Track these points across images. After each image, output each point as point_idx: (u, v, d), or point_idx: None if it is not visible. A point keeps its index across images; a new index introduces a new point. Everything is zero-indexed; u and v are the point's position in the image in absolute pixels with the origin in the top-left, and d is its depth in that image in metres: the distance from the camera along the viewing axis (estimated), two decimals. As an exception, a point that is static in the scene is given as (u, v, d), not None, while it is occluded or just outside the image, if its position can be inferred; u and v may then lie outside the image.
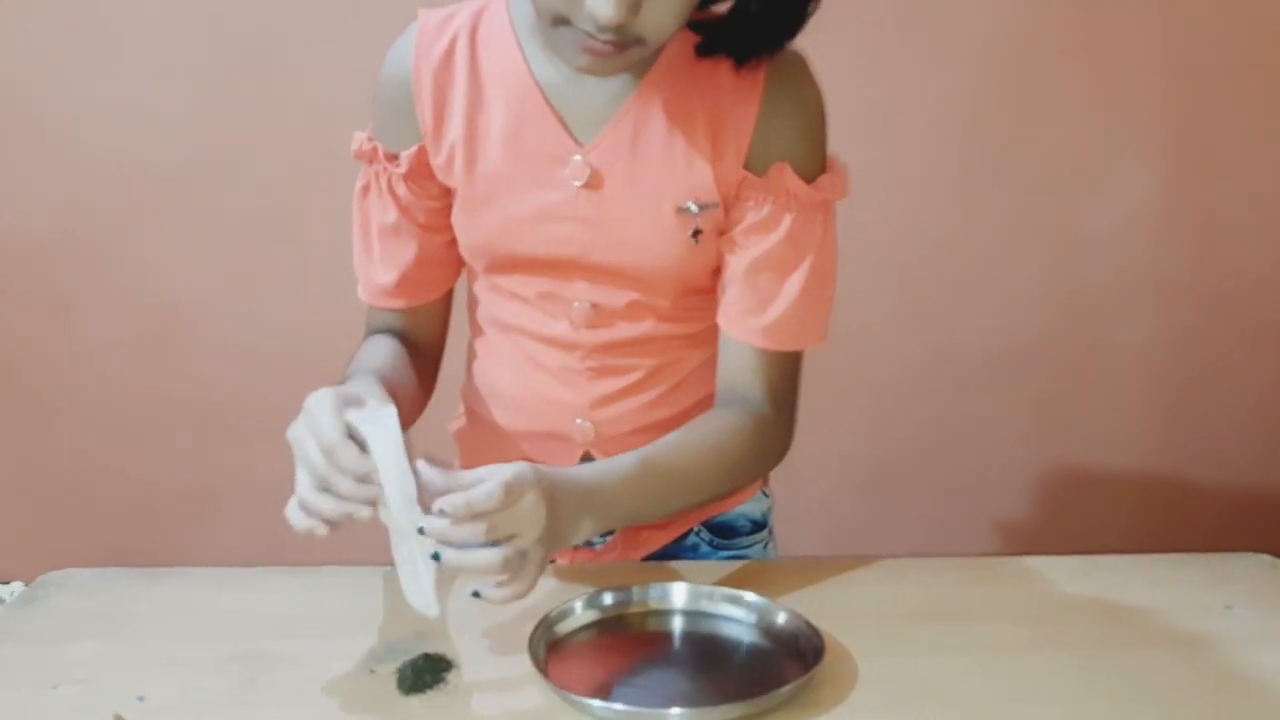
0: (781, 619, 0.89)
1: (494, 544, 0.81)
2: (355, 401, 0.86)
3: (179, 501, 1.97)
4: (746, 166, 0.99)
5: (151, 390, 1.94)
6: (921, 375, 1.96)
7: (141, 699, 0.80)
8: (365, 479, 0.82)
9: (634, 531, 1.11)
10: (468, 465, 1.17)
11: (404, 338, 1.10)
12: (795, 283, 1.01)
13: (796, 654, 0.85)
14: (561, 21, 0.87)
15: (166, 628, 0.92)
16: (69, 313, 1.91)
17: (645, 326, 1.04)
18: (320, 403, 0.84)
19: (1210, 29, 1.86)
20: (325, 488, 0.83)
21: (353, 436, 0.83)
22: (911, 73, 1.86)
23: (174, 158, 1.85)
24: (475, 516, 0.80)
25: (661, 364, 1.07)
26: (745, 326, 1.02)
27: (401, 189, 1.04)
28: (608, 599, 0.93)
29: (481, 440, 1.16)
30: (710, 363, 1.08)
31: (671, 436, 1.00)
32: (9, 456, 1.96)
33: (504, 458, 1.12)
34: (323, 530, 0.83)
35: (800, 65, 1.00)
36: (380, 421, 0.84)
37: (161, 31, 1.81)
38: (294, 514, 0.85)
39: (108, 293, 1.90)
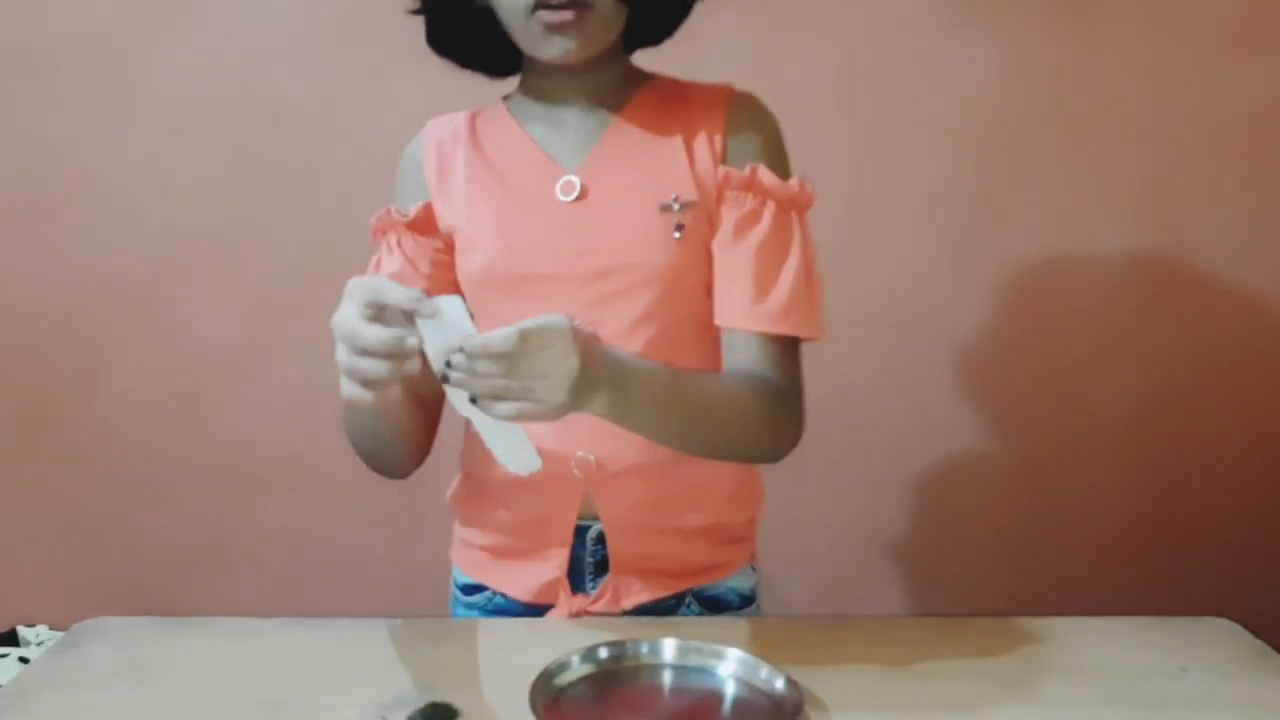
0: (764, 674, 0.96)
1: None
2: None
3: (199, 554, 2.04)
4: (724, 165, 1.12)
5: (175, 448, 2.01)
6: (908, 437, 2.01)
7: (172, 741, 0.87)
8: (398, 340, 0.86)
9: (625, 581, 1.16)
10: (467, 525, 1.24)
11: (413, 385, 1.17)
12: (789, 269, 1.11)
13: (777, 707, 0.92)
14: (529, 13, 1.04)
15: (193, 676, 0.99)
16: (99, 374, 1.98)
17: (639, 348, 1.11)
18: (363, 280, 0.90)
19: (1190, 106, 1.94)
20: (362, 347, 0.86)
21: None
22: (898, 149, 1.93)
23: (201, 226, 1.94)
24: (493, 357, 0.84)
25: None
26: (749, 314, 1.10)
27: (408, 240, 1.17)
28: (603, 653, 0.99)
29: (479, 498, 1.22)
30: None
31: (701, 372, 1.09)
32: (40, 507, 2.03)
33: (501, 515, 1.19)
34: (369, 397, 0.87)
35: (757, 100, 1.18)
36: (451, 299, 0.88)
37: (192, 105, 1.90)
38: (345, 386, 0.89)
39: (136, 355, 1.98)
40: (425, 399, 1.17)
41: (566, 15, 1.03)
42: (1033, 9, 1.90)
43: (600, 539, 1.15)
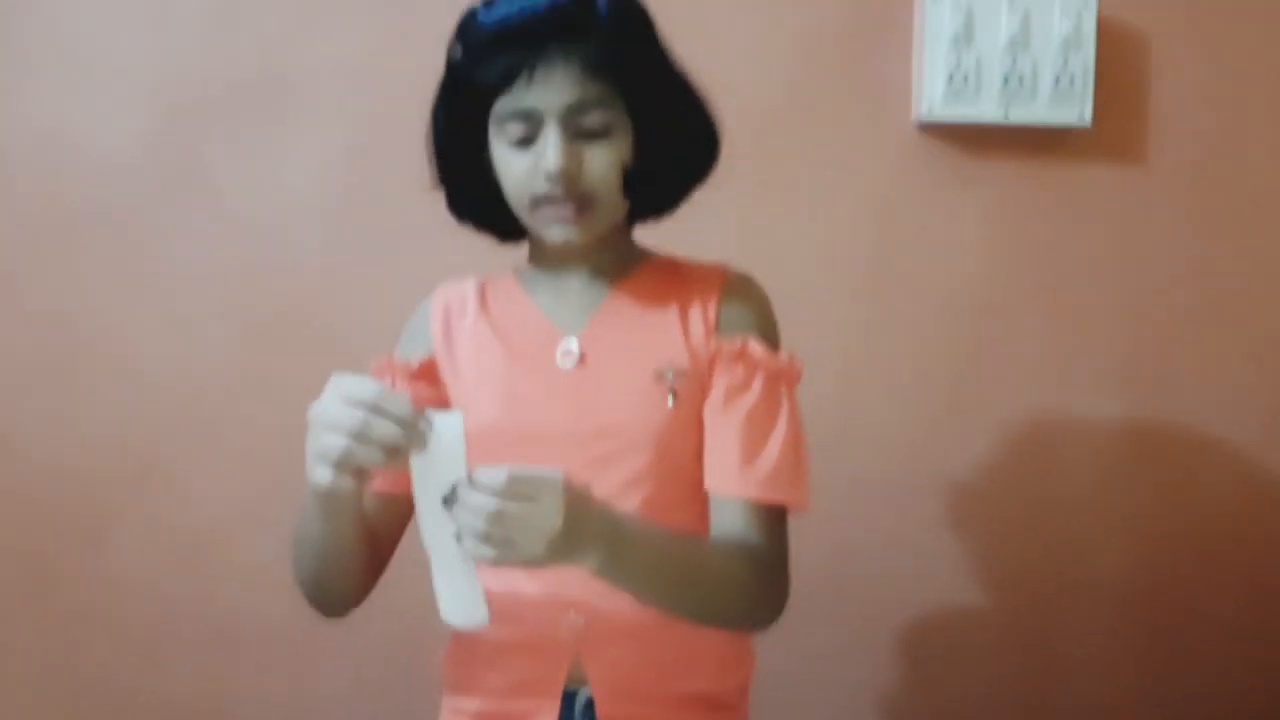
0: None
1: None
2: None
3: (196, 714, 2.02)
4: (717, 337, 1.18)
5: (178, 610, 2.01)
6: (907, 602, 2.01)
7: None
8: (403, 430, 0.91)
9: None
10: (453, 690, 1.25)
11: (366, 520, 1.21)
12: (776, 437, 1.17)
13: None
14: (534, 205, 1.13)
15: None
16: (104, 535, 2.01)
17: (632, 509, 1.14)
18: (355, 377, 0.95)
19: (1171, 277, 2.02)
20: (366, 434, 0.91)
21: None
22: (885, 318, 2.01)
23: (208, 393, 1.99)
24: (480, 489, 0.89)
25: None
26: (737, 480, 1.15)
27: (405, 385, 1.25)
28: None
29: (468, 660, 1.24)
30: None
31: (691, 537, 1.13)
32: (39, 666, 2.03)
33: (489, 679, 1.21)
34: (350, 484, 0.92)
35: (750, 280, 1.26)
36: (451, 418, 0.90)
37: (203, 276, 1.98)
38: (321, 473, 0.94)
39: (141, 517, 2.00)
40: (377, 534, 1.19)
41: (569, 213, 1.11)
42: (1016, 183, 2.01)
43: (589, 706, 1.15)
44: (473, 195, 1.24)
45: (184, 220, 1.99)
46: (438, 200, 1.96)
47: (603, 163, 1.13)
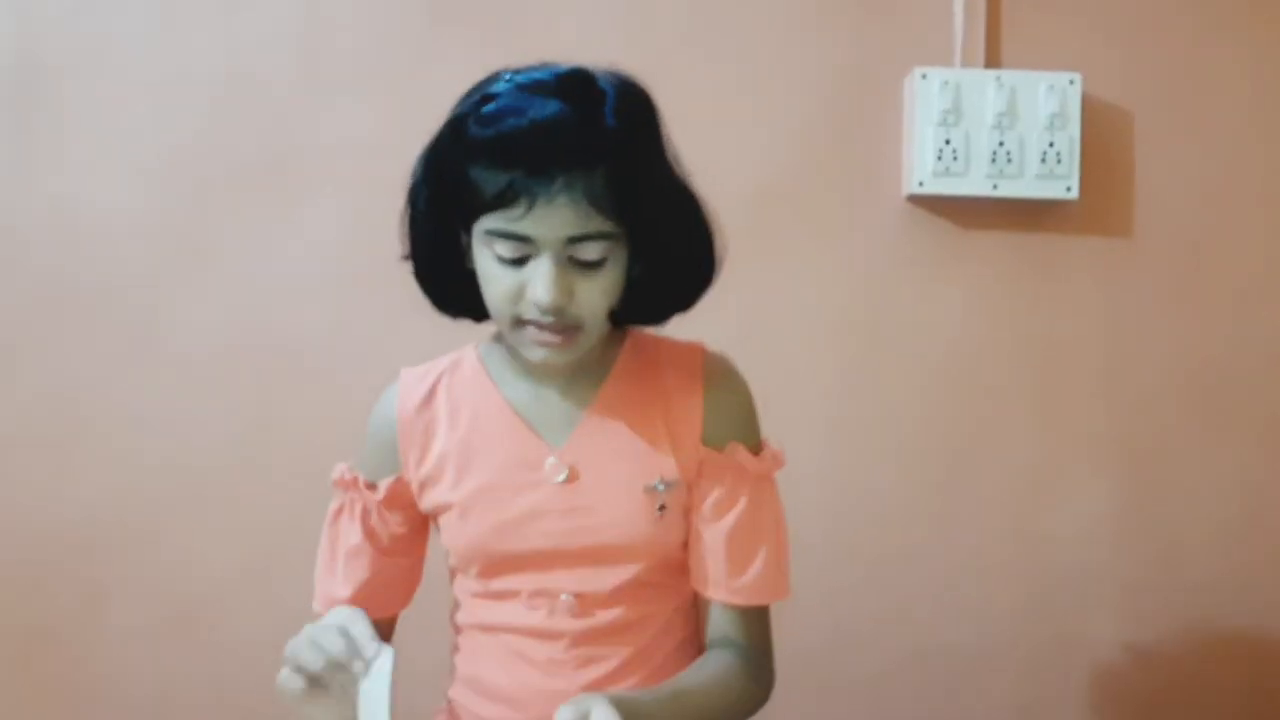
0: None
1: None
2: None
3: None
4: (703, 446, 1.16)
5: (176, 678, 2.02)
6: (902, 672, 2.03)
7: None
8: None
9: None
10: None
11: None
12: (763, 548, 1.18)
13: None
14: (517, 324, 1.08)
15: None
16: (102, 602, 2.01)
17: (619, 614, 1.16)
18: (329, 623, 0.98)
19: (1154, 357, 2.06)
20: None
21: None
22: (878, 403, 2.03)
23: (208, 461, 2.01)
24: None
25: (639, 649, 1.18)
26: (725, 589, 1.17)
27: (374, 514, 1.21)
28: None
29: (472, 701, 1.24)
30: (681, 644, 1.21)
31: (690, 673, 1.14)
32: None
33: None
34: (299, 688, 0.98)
35: (729, 364, 1.22)
36: (381, 661, 0.95)
37: (208, 346, 2.01)
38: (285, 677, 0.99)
39: (139, 584, 2.01)
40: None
41: (554, 339, 1.08)
42: (1004, 254, 2.05)
43: None
44: (443, 275, 1.17)
45: (188, 294, 2.01)
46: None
47: (594, 294, 1.07)
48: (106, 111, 2.01)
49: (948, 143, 1.97)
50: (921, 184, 1.98)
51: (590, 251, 1.06)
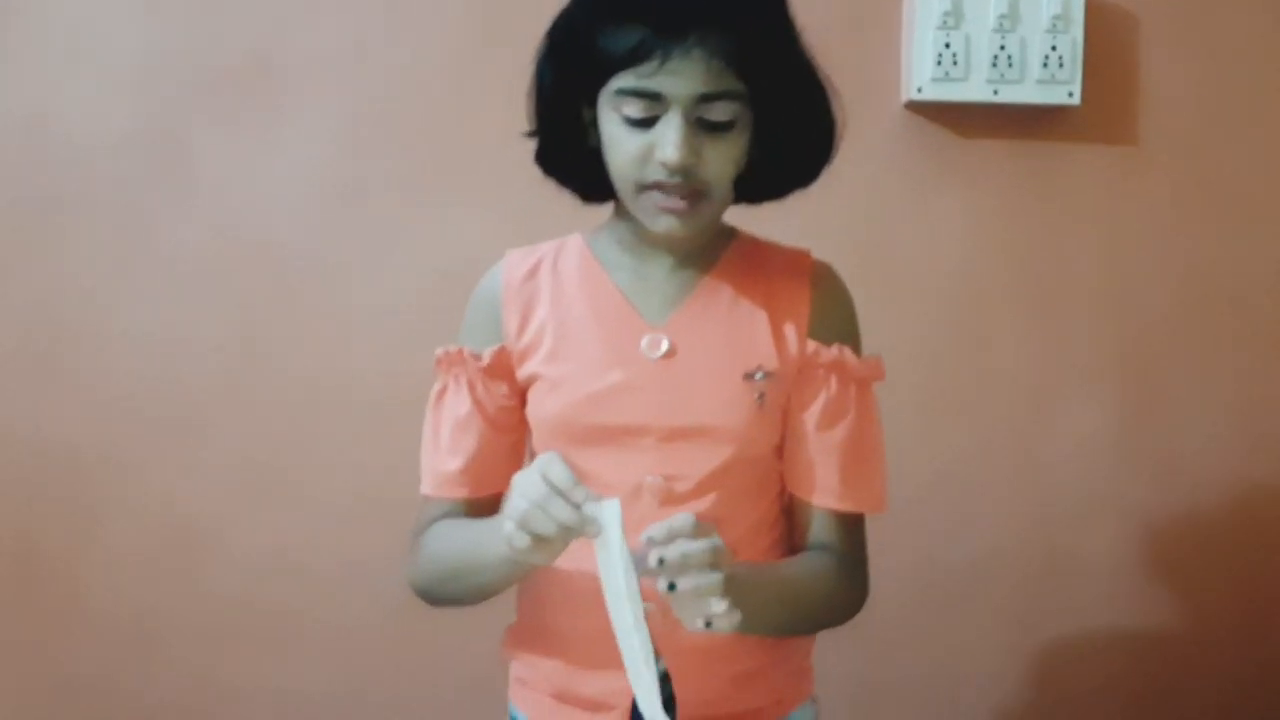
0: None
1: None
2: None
3: (183, 713, 2.02)
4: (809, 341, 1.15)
5: (168, 601, 2.01)
6: (899, 588, 2.01)
7: None
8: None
9: None
10: (522, 673, 1.25)
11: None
12: (871, 452, 1.18)
13: None
14: (642, 189, 1.07)
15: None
16: (92, 526, 2.00)
17: (708, 505, 1.14)
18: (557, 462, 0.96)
19: (1157, 269, 2.03)
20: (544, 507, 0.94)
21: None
22: (877, 318, 1.98)
23: (200, 379, 1.99)
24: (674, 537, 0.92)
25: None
26: (831, 495, 1.16)
27: (479, 385, 1.18)
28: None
29: (536, 643, 1.23)
30: (761, 552, 1.18)
31: (788, 561, 1.15)
32: (20, 658, 2.02)
33: (559, 659, 1.19)
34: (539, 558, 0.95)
35: (835, 274, 1.23)
36: (611, 509, 0.93)
37: (196, 261, 1.97)
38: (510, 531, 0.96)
39: (130, 507, 2.00)
40: None
41: (680, 204, 1.07)
42: (1004, 173, 2.00)
43: (665, 678, 1.15)
44: (566, 152, 1.15)
45: (171, 207, 1.97)
46: (426, 188, 1.99)
47: (723, 158, 1.07)
48: (84, 21, 1.95)
49: (947, 46, 1.91)
50: (920, 90, 1.93)
51: (720, 112, 1.05)
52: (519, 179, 1.22)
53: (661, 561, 0.91)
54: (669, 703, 1.15)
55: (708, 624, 0.94)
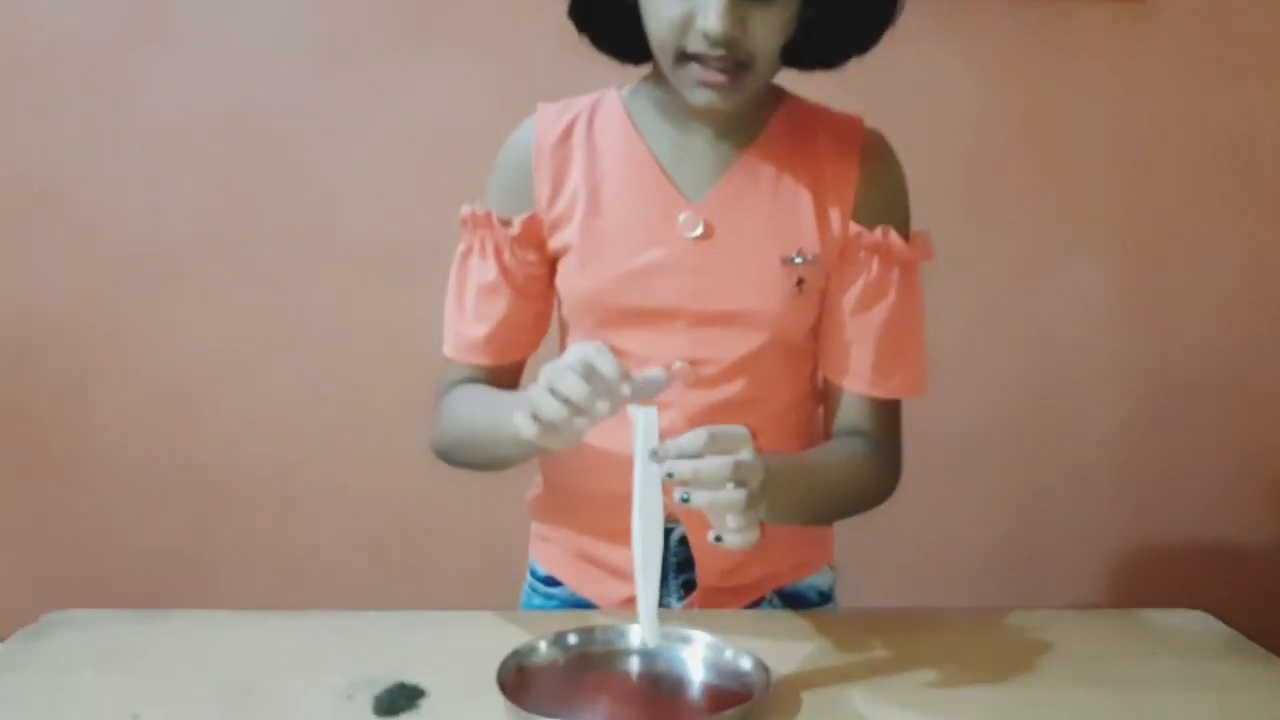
0: (729, 655, 0.96)
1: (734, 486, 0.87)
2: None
3: (180, 567, 2.03)
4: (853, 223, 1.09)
5: (158, 461, 2.00)
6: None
7: (136, 718, 0.86)
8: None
9: (711, 593, 1.14)
10: (544, 534, 1.24)
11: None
12: (910, 337, 1.13)
13: (744, 686, 0.91)
14: (681, 59, 0.99)
15: (161, 661, 0.99)
16: (85, 385, 1.98)
17: (738, 390, 1.10)
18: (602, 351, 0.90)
19: (1166, 130, 1.97)
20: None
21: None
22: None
23: (186, 240, 1.95)
24: (682, 455, 0.87)
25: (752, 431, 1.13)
26: (868, 382, 1.11)
27: (508, 251, 1.12)
28: (571, 639, 0.99)
29: (559, 506, 1.21)
30: (789, 434, 1.15)
31: (820, 450, 1.10)
32: (19, 516, 2.02)
33: (581, 522, 1.16)
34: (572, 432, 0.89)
35: (887, 145, 1.14)
36: (647, 413, 0.90)
37: (179, 120, 1.92)
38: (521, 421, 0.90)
39: (122, 366, 1.98)
40: None
41: (720, 79, 0.99)
42: (1009, 31, 1.93)
43: (683, 541, 1.14)
44: (602, 11, 1.08)
45: (151, 71, 1.91)
46: (409, 44, 1.92)
47: (768, 29, 0.98)
48: None
49: (955, -107, 1.83)
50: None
51: None
52: (504, 23, 1.16)
53: (671, 476, 0.89)
54: (687, 563, 1.14)
55: (718, 539, 0.92)
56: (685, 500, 0.87)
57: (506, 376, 1.15)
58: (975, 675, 0.96)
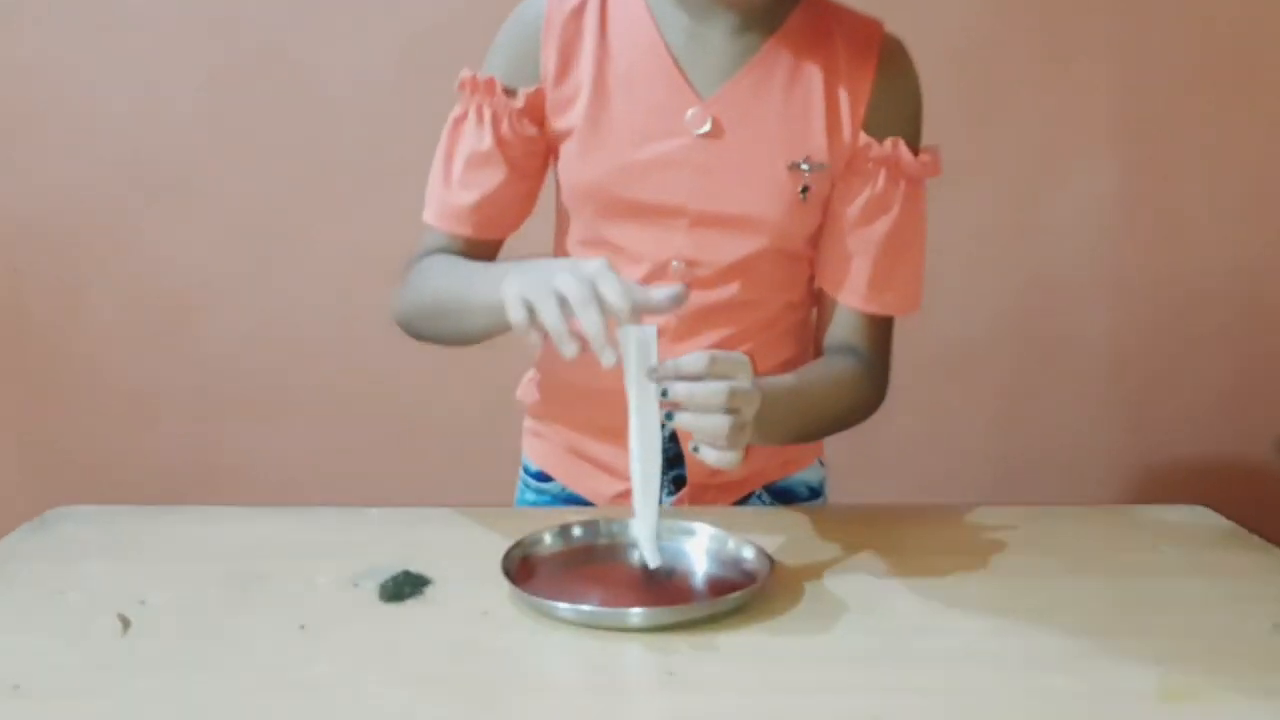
0: (732, 545, 0.96)
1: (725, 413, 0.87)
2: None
3: (179, 479, 2.03)
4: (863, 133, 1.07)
5: (156, 371, 2.00)
6: (898, 360, 2.02)
7: (143, 603, 0.87)
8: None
9: (699, 491, 1.15)
10: (537, 430, 1.23)
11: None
12: (909, 253, 1.11)
13: (746, 574, 0.92)
14: None
15: (166, 551, 0.99)
16: (79, 297, 1.97)
17: (733, 292, 1.09)
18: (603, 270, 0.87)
19: (1167, 35, 1.94)
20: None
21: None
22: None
23: (183, 149, 1.92)
24: (681, 377, 0.87)
25: (738, 332, 1.12)
26: (864, 297, 1.10)
27: (506, 123, 1.08)
28: (576, 530, 1.00)
29: (553, 401, 1.20)
30: (783, 336, 1.15)
31: (810, 369, 1.09)
32: (16, 431, 2.03)
33: (575, 418, 1.15)
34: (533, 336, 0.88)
35: (905, 52, 1.11)
36: (646, 331, 0.88)
37: (175, 27, 1.88)
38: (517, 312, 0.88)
39: (116, 277, 1.97)
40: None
41: None
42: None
43: (673, 437, 1.14)
44: None
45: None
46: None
47: None
48: None
49: None
50: None
51: None
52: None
53: (665, 394, 0.88)
54: (678, 459, 1.14)
55: (696, 449, 0.90)
56: (669, 418, 0.87)
57: (484, 252, 1.12)
58: (974, 564, 0.96)
